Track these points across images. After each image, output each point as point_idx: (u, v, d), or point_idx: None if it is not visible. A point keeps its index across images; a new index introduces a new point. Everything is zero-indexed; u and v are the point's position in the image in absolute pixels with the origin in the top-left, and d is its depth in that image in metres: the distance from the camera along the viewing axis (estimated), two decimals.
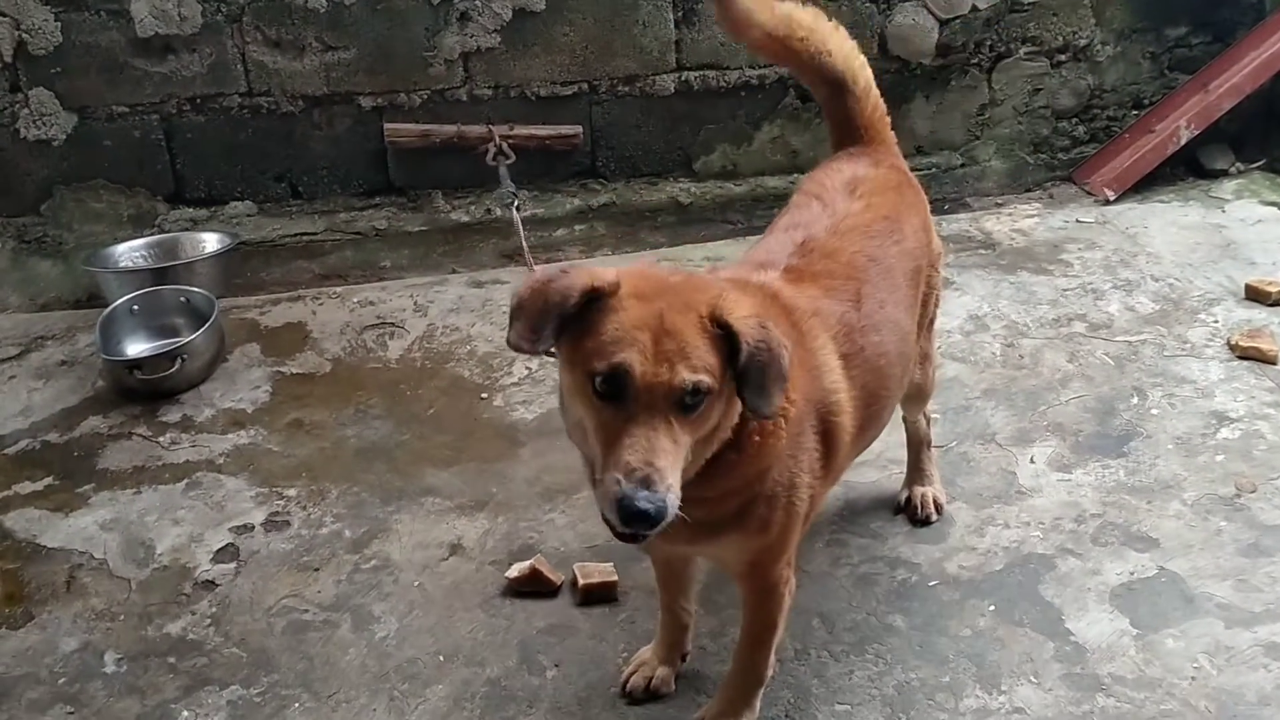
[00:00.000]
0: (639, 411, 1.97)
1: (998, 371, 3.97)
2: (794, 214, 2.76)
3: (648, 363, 1.97)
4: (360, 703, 2.77)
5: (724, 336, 2.04)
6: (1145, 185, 5.30)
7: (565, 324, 2.04)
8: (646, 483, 1.92)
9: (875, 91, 3.01)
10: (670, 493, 1.94)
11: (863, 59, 2.98)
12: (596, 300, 2.04)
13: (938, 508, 3.31)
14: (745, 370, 2.03)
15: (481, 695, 2.77)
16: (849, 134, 3.00)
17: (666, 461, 1.95)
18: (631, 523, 1.94)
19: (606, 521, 2.03)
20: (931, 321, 3.07)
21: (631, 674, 2.75)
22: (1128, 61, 5.60)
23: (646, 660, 2.77)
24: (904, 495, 3.34)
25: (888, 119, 3.06)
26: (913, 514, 3.30)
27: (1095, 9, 5.45)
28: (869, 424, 2.58)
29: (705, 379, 1.99)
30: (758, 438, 2.20)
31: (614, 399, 1.99)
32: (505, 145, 4.86)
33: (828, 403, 2.38)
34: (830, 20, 2.95)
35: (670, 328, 2.01)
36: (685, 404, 1.98)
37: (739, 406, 2.13)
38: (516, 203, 4.03)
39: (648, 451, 1.94)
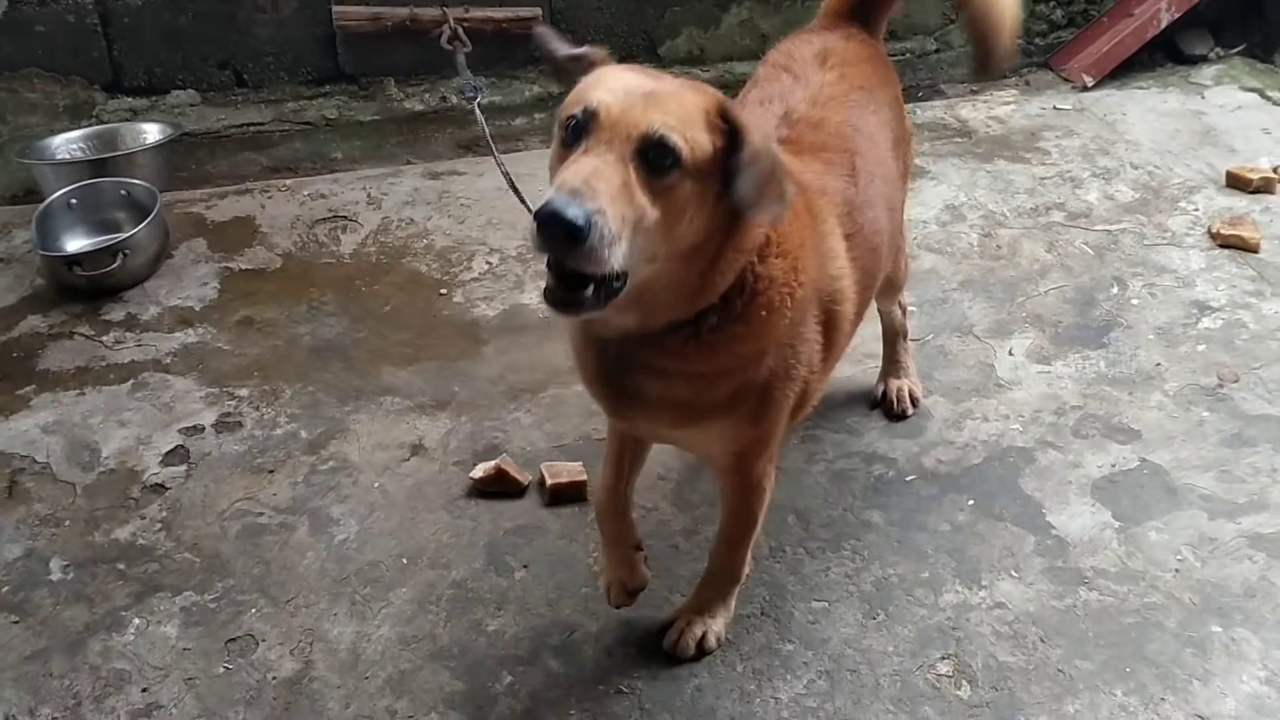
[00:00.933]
0: (595, 145, 1.76)
1: (975, 262, 3.86)
2: (765, 87, 2.58)
3: (618, 103, 1.78)
4: (320, 607, 2.67)
5: (726, 136, 1.84)
6: (1123, 71, 5.17)
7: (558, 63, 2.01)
8: (574, 194, 1.67)
9: None
10: (601, 216, 1.67)
11: None
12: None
13: (914, 401, 3.23)
14: (745, 165, 1.82)
15: (447, 598, 2.68)
16: (848, 9, 2.83)
17: (605, 188, 1.70)
18: (545, 229, 1.66)
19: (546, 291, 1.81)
20: (901, 209, 2.92)
21: (609, 588, 2.61)
22: None
23: (614, 572, 2.59)
24: (880, 389, 3.25)
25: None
26: (889, 408, 3.22)
27: None
28: (862, 310, 2.47)
29: (678, 140, 1.76)
30: (764, 312, 2.03)
31: (578, 140, 1.80)
32: (460, 30, 4.60)
33: (832, 290, 2.25)
34: None
35: (667, 92, 1.83)
36: (651, 160, 1.76)
37: (736, 242, 1.94)
38: (479, 97, 3.81)
39: (589, 174, 1.70)
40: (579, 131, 1.79)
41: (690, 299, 1.98)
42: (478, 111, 3.70)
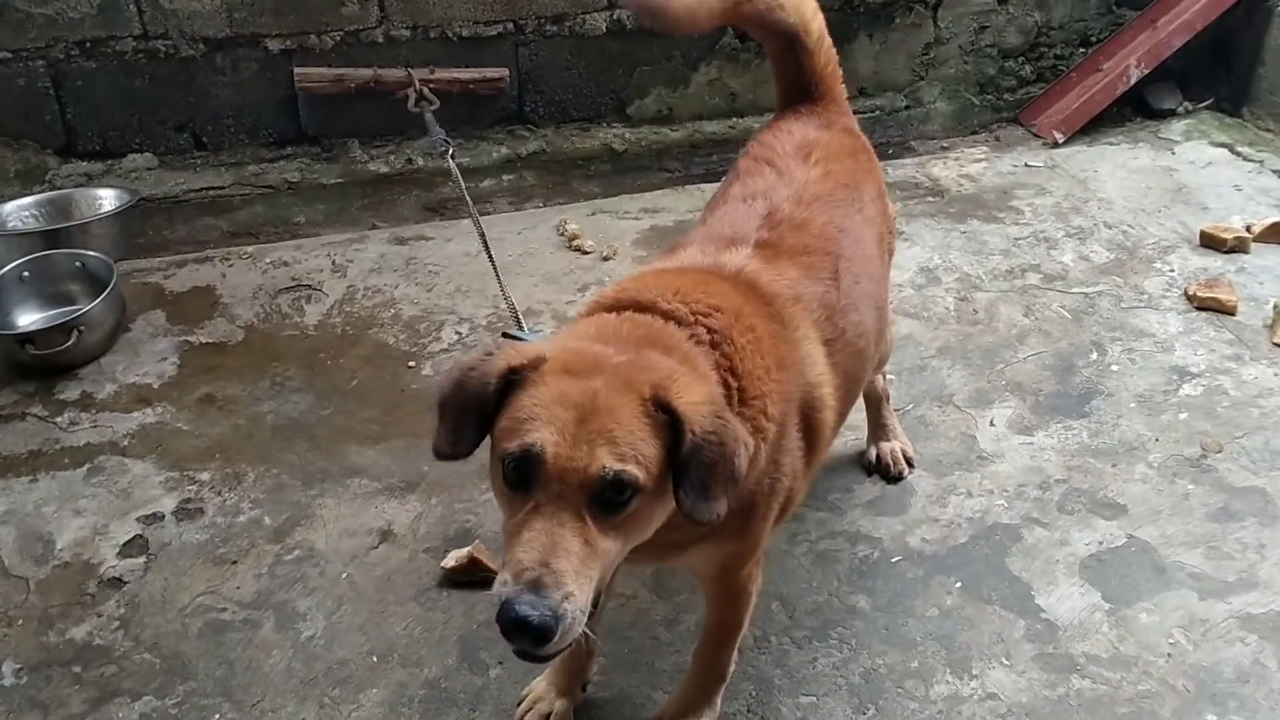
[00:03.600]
0: (546, 503, 1.67)
1: (952, 328, 3.81)
2: (747, 182, 2.52)
3: (563, 444, 1.67)
4: (287, 711, 2.55)
5: (669, 424, 1.74)
6: (1093, 126, 5.17)
7: (489, 416, 1.79)
8: (536, 586, 1.61)
9: (828, 41, 2.80)
10: (568, 603, 1.62)
11: (815, 5, 2.75)
12: (518, 377, 1.79)
13: (908, 461, 3.19)
14: (686, 463, 1.72)
15: (420, 699, 2.57)
16: (799, 89, 2.78)
17: (568, 565, 1.64)
18: (511, 634, 1.63)
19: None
20: (886, 297, 2.89)
21: (525, 712, 2.49)
22: None
23: (542, 694, 2.51)
24: (872, 453, 3.20)
25: (839, 73, 2.84)
26: (885, 471, 3.18)
27: None
28: (845, 413, 2.40)
29: (632, 470, 1.68)
30: None
31: (524, 488, 1.70)
32: (427, 90, 4.54)
33: (812, 398, 2.17)
34: None
35: (601, 406, 1.71)
36: (607, 500, 1.68)
37: None
38: (451, 150, 3.73)
39: (545, 549, 1.64)
40: (523, 474, 1.70)
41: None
42: (452, 164, 3.63)
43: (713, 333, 1.95)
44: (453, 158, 3.69)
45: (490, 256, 3.25)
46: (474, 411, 1.80)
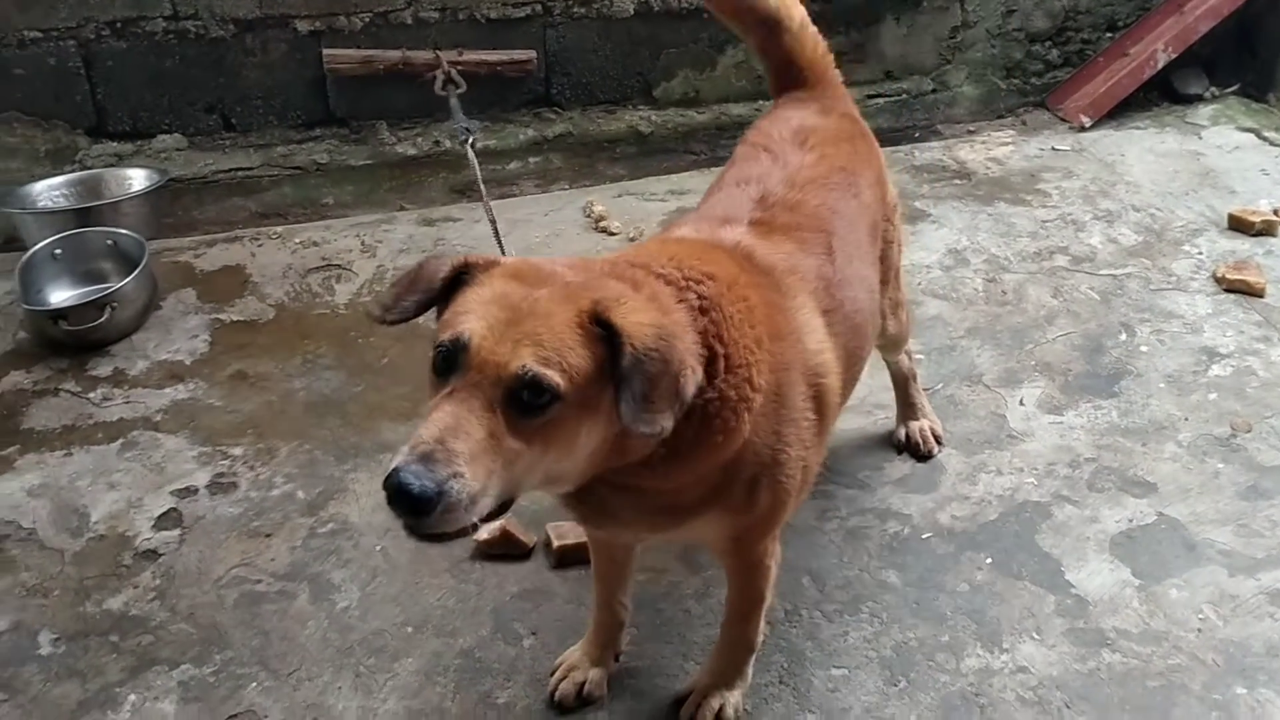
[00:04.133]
0: (460, 389, 1.66)
1: (981, 309, 3.81)
2: (742, 167, 2.52)
3: (489, 339, 1.67)
4: (324, 680, 2.57)
5: (608, 341, 1.73)
6: (1119, 111, 5.15)
7: (430, 303, 1.83)
8: (426, 458, 1.60)
9: (813, 27, 2.76)
10: (455, 481, 1.61)
11: None
12: (468, 275, 1.82)
13: (938, 439, 3.20)
14: (626, 375, 1.71)
15: (455, 668, 2.59)
16: (790, 78, 2.77)
17: (464, 447, 1.62)
18: (392, 502, 1.62)
19: None
20: (897, 271, 2.89)
21: (560, 681, 2.51)
22: None
23: (576, 663, 2.53)
24: (901, 433, 3.21)
25: (830, 56, 2.81)
26: (914, 449, 3.18)
27: None
28: (849, 385, 2.40)
29: (553, 375, 1.67)
30: (719, 436, 1.93)
31: (448, 376, 1.70)
32: (454, 72, 4.55)
33: (815, 364, 2.16)
34: None
35: (536, 311, 1.71)
36: (523, 401, 1.67)
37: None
38: (472, 139, 3.75)
39: (446, 430, 1.63)
40: (449, 363, 1.71)
41: (617, 459, 1.89)
42: (470, 154, 3.65)
43: (702, 299, 1.93)
44: (473, 146, 3.70)
45: (498, 239, 3.25)
46: (420, 291, 1.84)
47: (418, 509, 1.60)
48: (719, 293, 1.95)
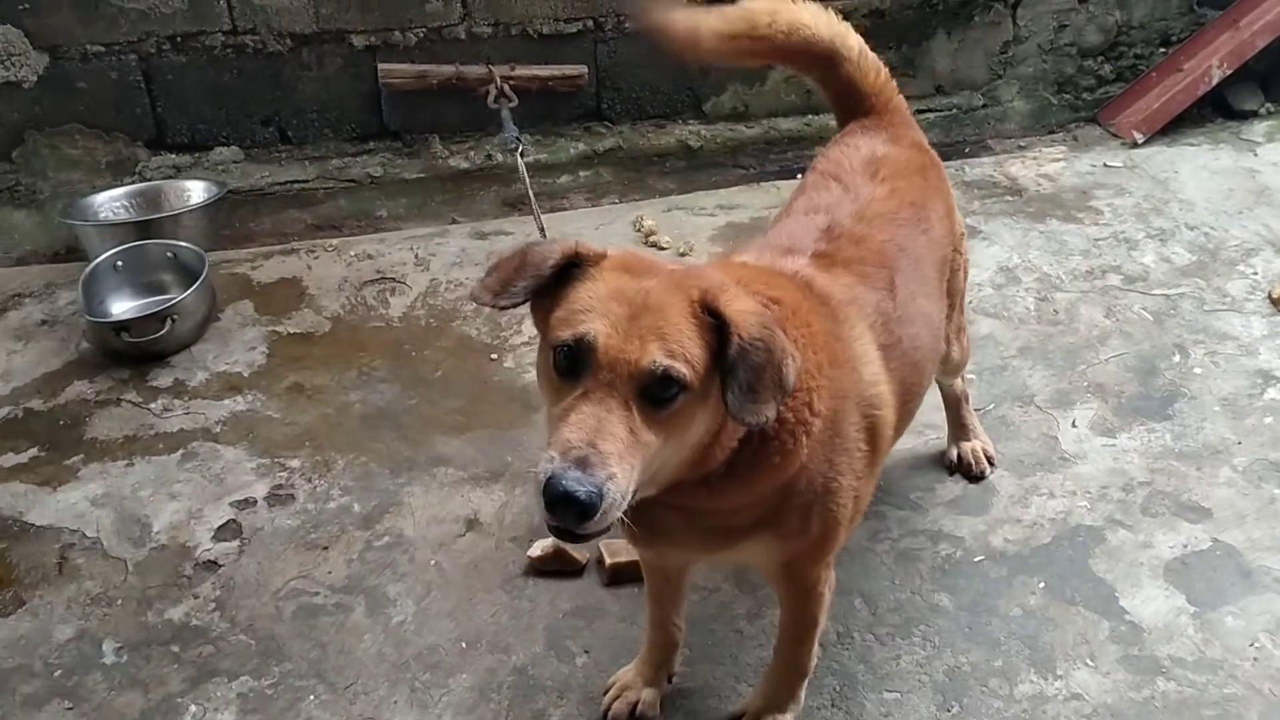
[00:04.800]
0: (595, 389, 1.71)
1: (1033, 328, 3.80)
2: (812, 195, 2.53)
3: (615, 336, 1.72)
4: (380, 694, 2.61)
5: (717, 330, 1.78)
6: (1173, 127, 5.10)
7: (541, 292, 1.85)
8: (582, 463, 1.65)
9: (871, 54, 2.75)
10: (611, 483, 1.66)
11: (845, 23, 2.70)
12: (576, 269, 1.84)
13: (990, 460, 3.20)
14: (733, 365, 1.76)
15: (509, 685, 2.62)
16: (855, 106, 2.76)
17: (613, 447, 1.68)
18: (557, 508, 1.65)
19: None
20: (962, 296, 2.89)
21: (614, 700, 2.53)
22: None
23: (629, 683, 2.55)
24: (953, 453, 3.21)
25: (892, 82, 2.80)
26: (966, 470, 3.19)
27: None
28: (905, 420, 2.41)
29: (681, 368, 1.73)
30: (776, 457, 1.96)
31: (574, 376, 1.75)
32: (506, 87, 4.60)
33: (869, 395, 2.18)
34: None
35: (652, 304, 1.76)
36: (654, 394, 1.73)
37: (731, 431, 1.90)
38: (521, 148, 3.78)
39: (593, 431, 1.68)
40: (574, 362, 1.75)
41: (693, 470, 1.93)
42: (520, 161, 3.69)
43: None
44: (522, 155, 3.74)
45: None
46: (529, 276, 1.84)
47: (583, 514, 1.65)
48: (784, 318, 1.97)
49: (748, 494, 2.00)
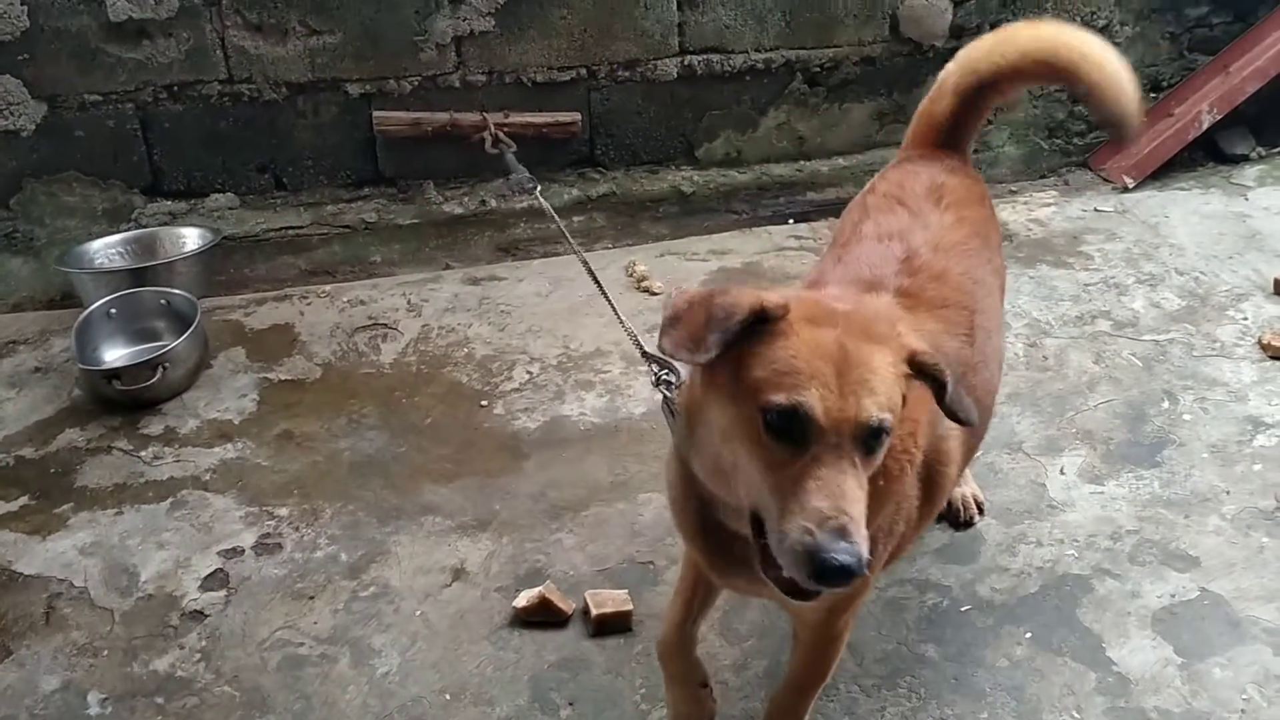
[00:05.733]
0: (824, 453, 1.74)
1: (1022, 374, 3.80)
2: (879, 220, 2.55)
3: (832, 397, 1.75)
4: None
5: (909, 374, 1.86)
6: (1163, 171, 5.14)
7: (729, 344, 1.84)
8: (842, 533, 1.68)
9: None
10: (864, 544, 1.71)
11: None
12: (763, 324, 1.84)
13: (979, 508, 3.19)
14: (954, 400, 1.88)
15: None
16: (939, 135, 2.85)
17: (858, 510, 1.73)
18: (827, 579, 1.69)
19: (782, 580, 1.81)
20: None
21: None
22: (1146, 42, 5.44)
23: None
24: None
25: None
26: (955, 517, 3.17)
27: None
28: (966, 465, 2.42)
29: (889, 418, 1.78)
30: (883, 481, 1.98)
31: (789, 438, 1.76)
32: (502, 134, 4.64)
33: (939, 450, 2.21)
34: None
35: (854, 358, 1.79)
36: (869, 445, 1.78)
37: None
38: (538, 188, 3.79)
39: (839, 497, 1.71)
40: (790, 423, 1.76)
41: None
42: (542, 202, 3.67)
43: None
44: (540, 194, 3.75)
45: (599, 284, 3.08)
46: (719, 329, 1.81)
47: (851, 580, 1.69)
48: None
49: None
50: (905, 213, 2.54)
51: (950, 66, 2.87)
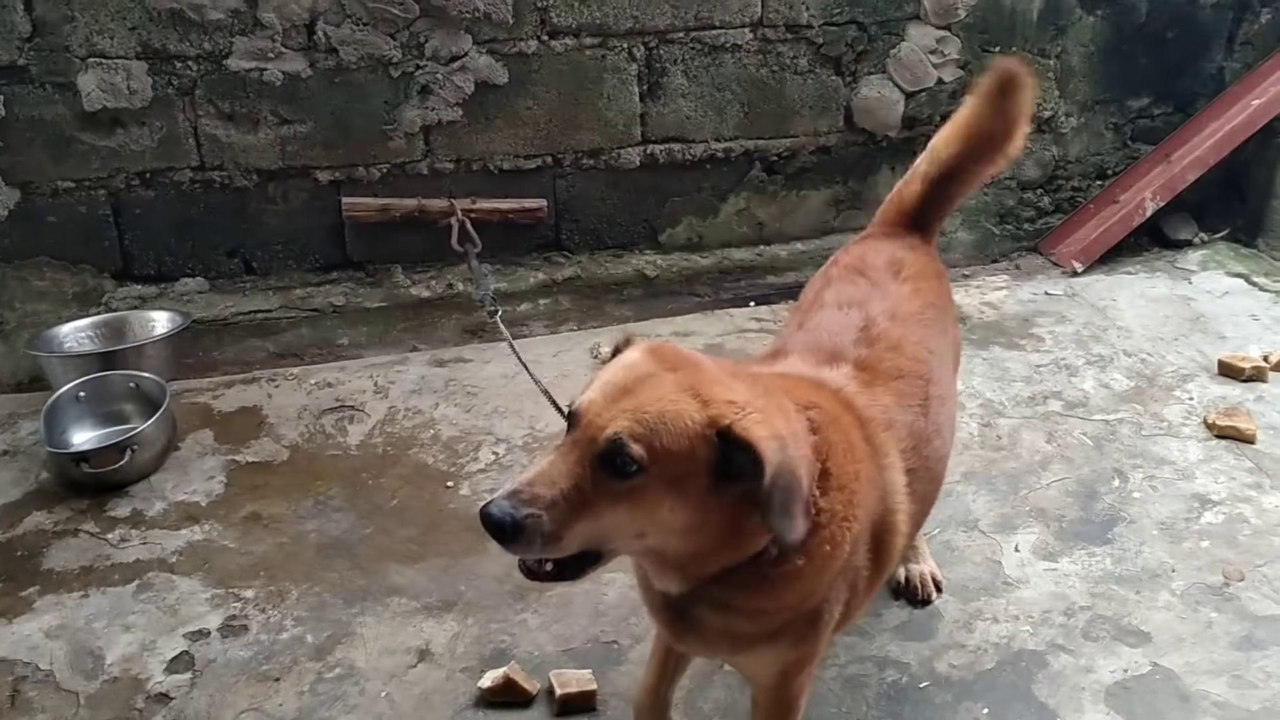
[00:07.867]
0: (564, 445, 1.89)
1: (976, 453, 3.90)
2: (840, 289, 2.68)
3: (598, 404, 1.88)
4: None
5: (722, 445, 1.87)
6: (1111, 256, 5.31)
7: None
8: (510, 495, 1.83)
9: None
10: (531, 521, 1.81)
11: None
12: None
13: (937, 586, 3.25)
14: (770, 494, 1.85)
15: None
16: (906, 216, 2.96)
17: (546, 492, 1.83)
18: (487, 527, 1.84)
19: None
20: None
21: None
22: (1091, 132, 5.64)
23: None
24: (900, 574, 3.26)
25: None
26: (913, 595, 3.23)
27: (1059, 81, 5.49)
28: (915, 533, 2.51)
29: (636, 449, 1.82)
30: (827, 546, 2.06)
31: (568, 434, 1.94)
32: (469, 227, 4.74)
33: (887, 521, 2.29)
34: None
35: (646, 389, 1.89)
36: (612, 465, 1.84)
37: (751, 531, 1.98)
38: (500, 312, 3.87)
39: (537, 476, 1.85)
40: (570, 421, 1.93)
41: (721, 557, 2.02)
42: (501, 325, 3.77)
43: (813, 422, 2.08)
44: (501, 318, 3.82)
45: (548, 396, 3.36)
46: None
47: (498, 536, 1.82)
48: (826, 421, 2.11)
49: (796, 590, 2.08)
50: (865, 283, 2.66)
51: (922, 154, 3.02)
